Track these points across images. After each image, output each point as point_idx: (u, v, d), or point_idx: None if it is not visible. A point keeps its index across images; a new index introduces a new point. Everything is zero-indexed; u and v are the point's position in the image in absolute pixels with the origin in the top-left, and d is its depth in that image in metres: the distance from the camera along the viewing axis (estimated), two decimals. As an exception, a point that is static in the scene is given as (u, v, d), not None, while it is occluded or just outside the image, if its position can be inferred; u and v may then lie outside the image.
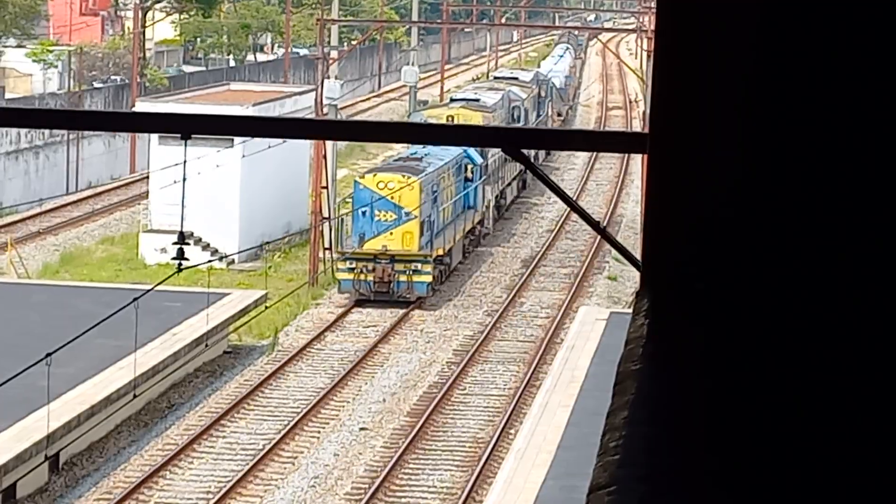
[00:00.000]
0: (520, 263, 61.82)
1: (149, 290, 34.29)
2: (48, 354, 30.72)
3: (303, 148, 58.33)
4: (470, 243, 59.58)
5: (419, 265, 48.65)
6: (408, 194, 47.98)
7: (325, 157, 60.71)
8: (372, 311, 51.81)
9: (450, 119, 59.20)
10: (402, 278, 48.53)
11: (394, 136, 32.80)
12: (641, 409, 3.99)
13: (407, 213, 48.19)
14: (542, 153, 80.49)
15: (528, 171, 67.40)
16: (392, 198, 47.84)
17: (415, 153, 54.72)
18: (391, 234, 48.37)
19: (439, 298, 55.44)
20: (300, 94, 78.47)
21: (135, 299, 33.40)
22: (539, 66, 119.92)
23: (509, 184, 71.92)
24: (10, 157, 69.12)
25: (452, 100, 74.16)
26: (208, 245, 54.89)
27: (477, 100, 69.15)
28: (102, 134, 75.56)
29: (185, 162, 29.53)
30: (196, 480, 35.48)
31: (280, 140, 48.25)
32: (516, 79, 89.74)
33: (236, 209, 55.76)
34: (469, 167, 57.20)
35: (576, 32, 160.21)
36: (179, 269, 32.46)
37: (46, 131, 70.64)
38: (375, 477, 36.35)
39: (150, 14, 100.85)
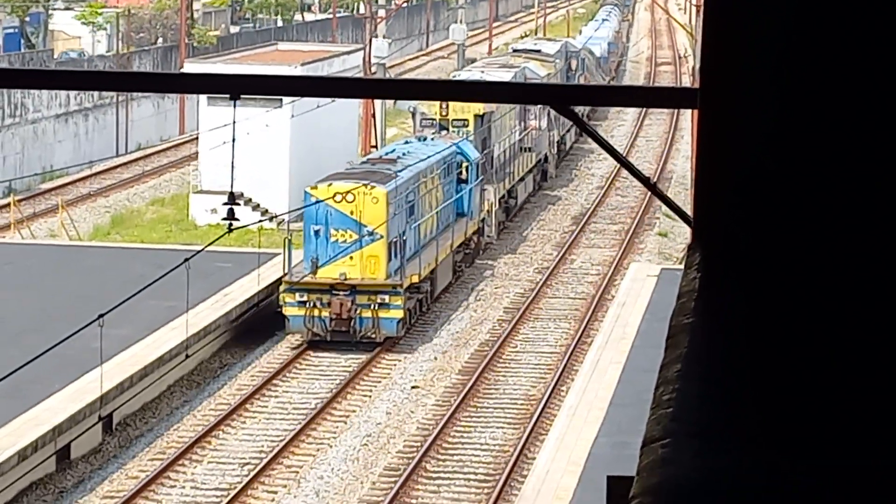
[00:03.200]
0: (570, 220, 61.76)
1: (200, 251, 34.34)
2: (100, 316, 30.85)
3: (351, 107, 57.94)
4: (463, 259, 50.43)
5: (386, 297, 39.80)
6: (372, 208, 39.50)
7: (373, 116, 60.61)
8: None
9: (445, 104, 50.95)
10: (366, 314, 39.92)
11: (441, 94, 32.69)
12: (694, 363, 3.99)
13: (370, 232, 39.47)
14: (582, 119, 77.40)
15: (547, 161, 66.63)
16: (352, 213, 39.59)
17: (392, 151, 47.44)
18: (351, 258, 39.73)
19: (490, 257, 55.30)
20: (348, 53, 78.49)
21: (185, 260, 33.45)
22: (580, 32, 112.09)
23: (522, 178, 61.43)
24: (60, 119, 69.26)
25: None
26: (258, 205, 54.81)
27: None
28: (151, 95, 75.75)
29: (234, 122, 29.70)
30: (249, 440, 35.56)
31: (329, 100, 48.45)
32: (538, 51, 77.22)
33: (286, 169, 55.77)
34: (464, 165, 48.97)
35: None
36: (230, 230, 32.55)
37: (96, 94, 70.86)
38: (427, 435, 36.36)
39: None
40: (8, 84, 60.58)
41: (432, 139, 49.10)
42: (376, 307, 39.83)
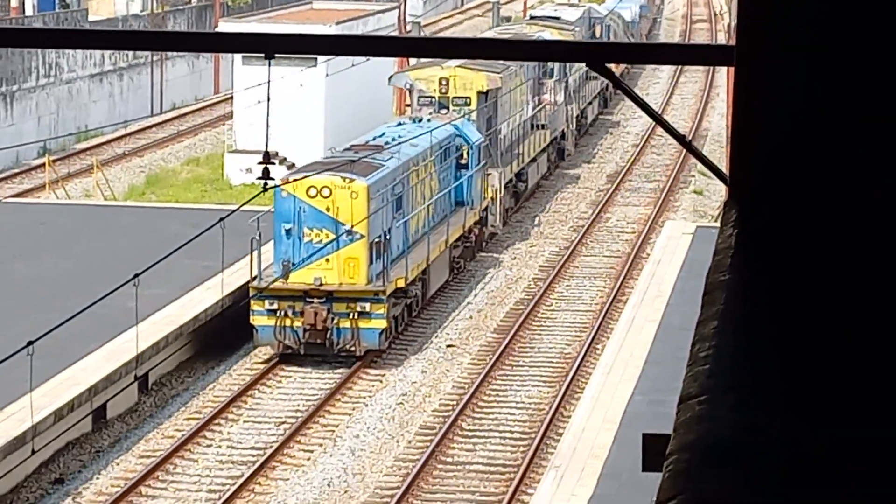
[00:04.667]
0: (605, 179, 61.69)
1: (235, 211, 34.45)
2: (136, 276, 30.95)
3: (386, 66, 57.47)
4: (462, 254, 45.83)
5: (367, 305, 35.81)
6: (351, 204, 35.58)
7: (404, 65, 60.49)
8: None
9: (445, 80, 47.70)
10: (344, 324, 35.99)
11: (476, 51, 32.61)
12: (731, 320, 4.00)
13: (349, 231, 35.59)
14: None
15: (564, 138, 64.30)
16: (328, 209, 35.76)
17: (381, 136, 42.35)
18: (327, 260, 35.84)
19: (524, 216, 55.31)
20: (383, 11, 78.49)
21: (221, 220, 33.56)
22: None
23: (534, 159, 56.78)
24: (95, 79, 69.43)
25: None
26: (293, 165, 54.68)
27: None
28: (186, 55, 75.98)
29: (268, 82, 29.89)
30: (284, 399, 35.64)
31: (363, 58, 48.48)
32: (557, 19, 70.49)
33: (321, 128, 55.83)
34: (464, 149, 44.82)
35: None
36: (265, 189, 32.67)
37: (130, 53, 71.01)
38: (463, 394, 36.42)
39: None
40: (42, 44, 60.68)
41: (429, 120, 44.80)
42: (356, 316, 35.93)
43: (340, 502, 30.64)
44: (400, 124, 44.25)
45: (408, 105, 49.46)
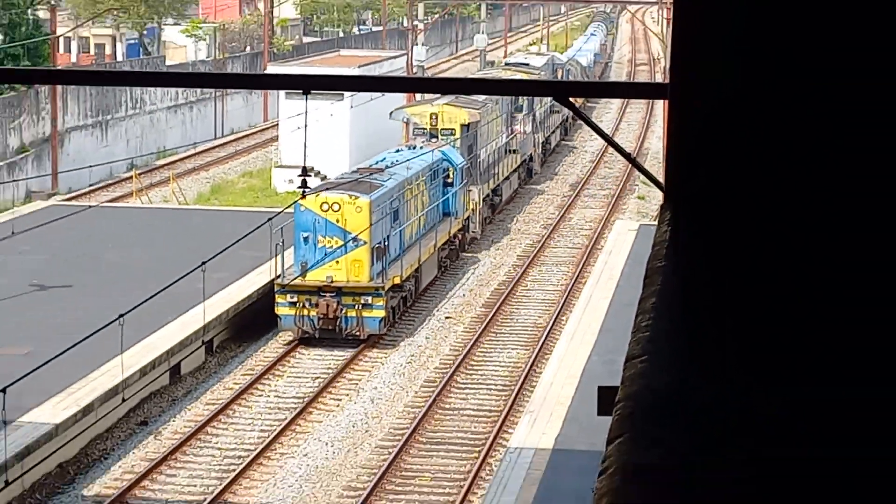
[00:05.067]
0: (567, 189, 61.67)
1: (279, 213, 34.56)
2: (203, 263, 30.97)
3: (398, 100, 57.60)
4: (448, 255, 44.89)
5: (370, 298, 35.15)
6: (355, 216, 34.75)
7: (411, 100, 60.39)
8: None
9: (435, 115, 46.99)
10: (351, 313, 35.14)
11: (465, 88, 32.60)
12: (665, 296, 4.03)
13: (355, 239, 34.75)
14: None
15: (532, 160, 62.84)
16: (338, 221, 34.93)
17: (381, 160, 41.56)
18: (337, 262, 34.98)
19: (499, 223, 55.25)
20: (395, 57, 78.65)
21: (269, 219, 33.72)
22: (572, 44, 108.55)
23: (507, 178, 55.71)
24: (171, 110, 69.61)
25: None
26: (325, 177, 54.80)
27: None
28: (241, 91, 76.22)
29: (305, 112, 29.76)
30: (319, 359, 35.52)
31: (379, 94, 48.51)
32: (527, 65, 69.59)
33: (346, 149, 55.57)
34: (450, 170, 43.88)
35: (607, 10, 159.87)
36: (303, 196, 32.77)
37: (198, 90, 71.18)
38: (458, 355, 36.54)
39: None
40: (130, 83, 60.65)
41: (421, 147, 44.12)
42: (360, 308, 35.15)
43: (363, 439, 30.75)
44: (398, 151, 43.26)
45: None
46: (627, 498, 2.84)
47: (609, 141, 20.67)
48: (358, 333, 35.34)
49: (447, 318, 40.73)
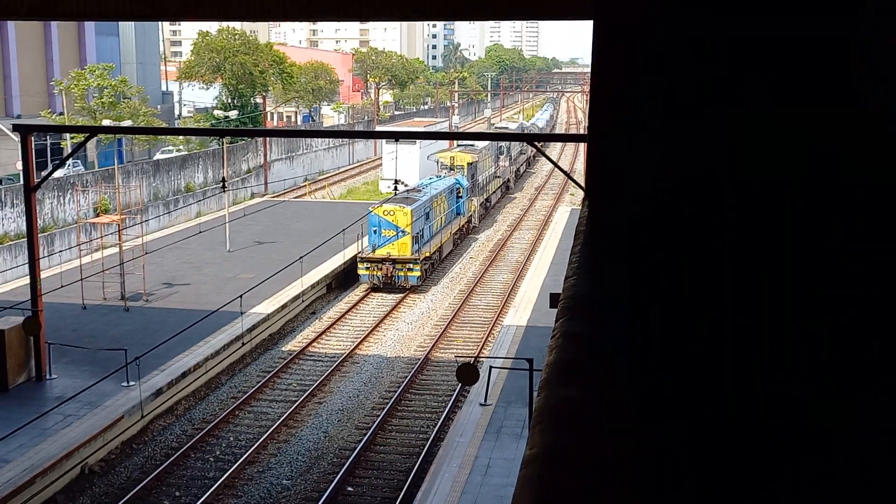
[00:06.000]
0: (530, 195, 61.01)
1: (383, 203, 34.55)
2: (342, 230, 31.16)
3: (443, 144, 56.77)
4: (459, 237, 42.41)
5: (411, 265, 33.54)
6: (403, 217, 33.14)
7: (453, 145, 59.93)
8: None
9: (452, 157, 45.62)
10: (400, 273, 33.57)
11: (477, 137, 31.75)
12: (584, 250, 3.95)
13: (402, 231, 33.25)
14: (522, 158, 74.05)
15: (509, 181, 59.46)
16: (393, 221, 33.27)
17: (421, 184, 40.27)
18: (393, 245, 33.38)
19: (490, 218, 54.53)
20: (442, 122, 78.24)
21: (369, 211, 33.63)
22: (534, 115, 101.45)
23: (495, 192, 53.30)
24: (326, 150, 69.53)
25: (458, 146, 51.90)
26: (406, 184, 54.73)
27: (472, 145, 49.41)
28: (362, 140, 75.99)
29: (396, 151, 29.98)
30: (379, 301, 35.59)
31: (434, 141, 48.29)
32: (506, 128, 66.30)
33: (416, 170, 54.86)
34: (459, 189, 41.56)
35: (554, 95, 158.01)
36: (395, 193, 32.82)
37: (340, 139, 70.97)
38: (470, 284, 36.40)
39: (380, 89, 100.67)
40: (303, 135, 60.63)
41: (445, 176, 42.86)
42: (406, 270, 33.51)
43: (421, 326, 30.22)
44: (430, 179, 41.71)
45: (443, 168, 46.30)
46: (568, 348, 2.61)
47: (556, 165, 20.76)
48: (405, 285, 33.70)
49: (470, 258, 40.42)
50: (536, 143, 25.84)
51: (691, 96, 4.26)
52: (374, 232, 33.45)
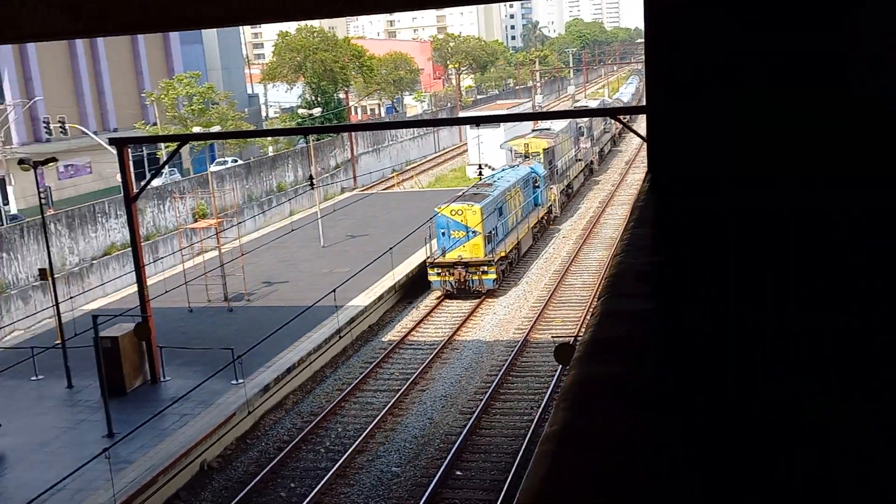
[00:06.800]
0: (616, 178, 59.46)
1: (470, 187, 34.56)
2: (430, 218, 31.26)
3: (528, 125, 56.12)
4: (539, 229, 39.34)
5: (486, 268, 30.90)
6: (472, 217, 30.53)
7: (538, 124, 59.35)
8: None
9: (526, 144, 42.61)
10: (474, 277, 30.96)
11: (562, 115, 31.08)
12: (638, 227, 3.96)
13: (473, 231, 30.63)
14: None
15: (592, 164, 56.17)
16: (463, 221, 30.72)
17: (493, 176, 36.81)
18: (464, 247, 30.75)
19: (572, 206, 53.14)
20: (525, 102, 77.87)
21: (462, 192, 33.66)
22: (619, 90, 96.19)
23: (576, 177, 49.54)
24: (412, 140, 69.89)
25: (533, 131, 47.80)
26: (492, 168, 54.66)
27: (549, 129, 46.30)
28: (446, 128, 76.16)
29: (478, 135, 29.86)
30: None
31: (517, 123, 47.98)
32: (586, 107, 57.88)
33: (502, 154, 55.07)
34: (535, 179, 38.50)
35: (639, 66, 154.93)
36: (480, 177, 32.80)
37: (425, 128, 71.38)
38: (563, 264, 36.04)
39: (461, 74, 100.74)
40: (386, 128, 61.23)
41: (519, 164, 39.95)
42: (480, 274, 30.93)
43: (503, 330, 29.72)
44: (504, 169, 38.80)
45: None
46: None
47: (643, 138, 20.45)
48: (480, 289, 31.10)
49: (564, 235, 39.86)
50: (621, 117, 25.58)
51: (750, 71, 4.21)
52: (443, 234, 31.07)
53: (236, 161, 46.85)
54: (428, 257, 31.54)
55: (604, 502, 1.70)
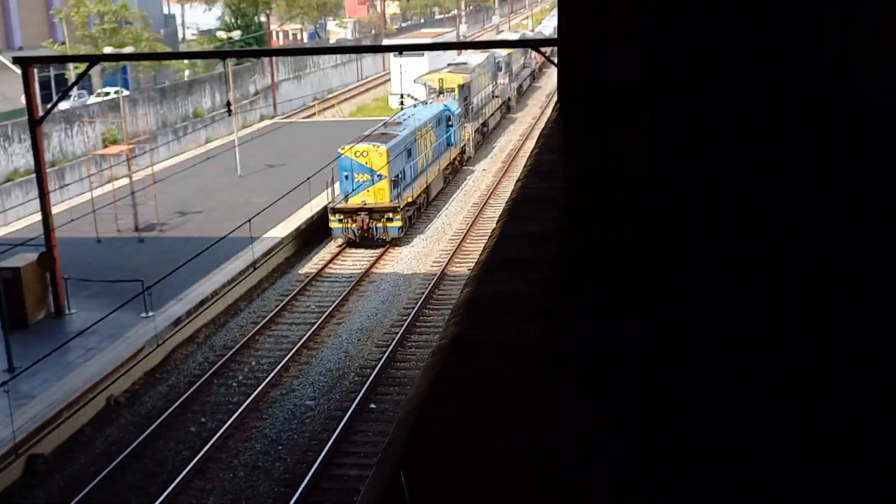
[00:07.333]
0: (544, 98, 59.93)
1: (390, 119, 33.99)
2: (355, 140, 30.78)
3: (452, 55, 54.93)
4: (451, 172, 37.11)
5: (391, 214, 28.95)
6: (378, 159, 28.56)
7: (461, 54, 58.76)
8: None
9: (441, 80, 40.07)
10: (379, 225, 28.98)
11: (482, 45, 30.51)
12: (547, 145, 4.00)
13: (378, 175, 28.68)
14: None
15: (510, 101, 53.19)
16: (367, 163, 28.72)
17: (402, 114, 34.87)
18: (368, 191, 28.81)
19: (487, 145, 52.14)
20: (449, 31, 76.87)
21: (384, 123, 33.17)
22: (541, 23, 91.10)
23: (493, 114, 46.95)
24: (333, 67, 68.39)
25: (449, 65, 45.15)
26: (413, 97, 54.01)
27: (465, 63, 44.42)
28: (369, 55, 74.80)
29: (400, 64, 29.24)
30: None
31: (441, 52, 47.17)
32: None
33: (422, 84, 54.40)
34: (448, 117, 36.47)
35: None
36: (401, 106, 32.13)
37: (347, 55, 69.99)
38: (488, 189, 36.12)
39: (386, 1, 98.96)
40: (309, 53, 59.82)
41: (431, 102, 37.25)
42: (385, 221, 29.01)
43: (403, 290, 29.22)
44: (415, 106, 36.46)
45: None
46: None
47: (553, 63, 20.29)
48: (384, 238, 29.24)
49: (484, 170, 39.82)
50: (542, 49, 25.26)
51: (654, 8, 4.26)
52: (346, 177, 28.98)
53: (119, 92, 44.73)
54: (329, 202, 29.53)
55: (485, 404, 1.85)
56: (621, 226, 2.76)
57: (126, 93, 44.58)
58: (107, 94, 49.42)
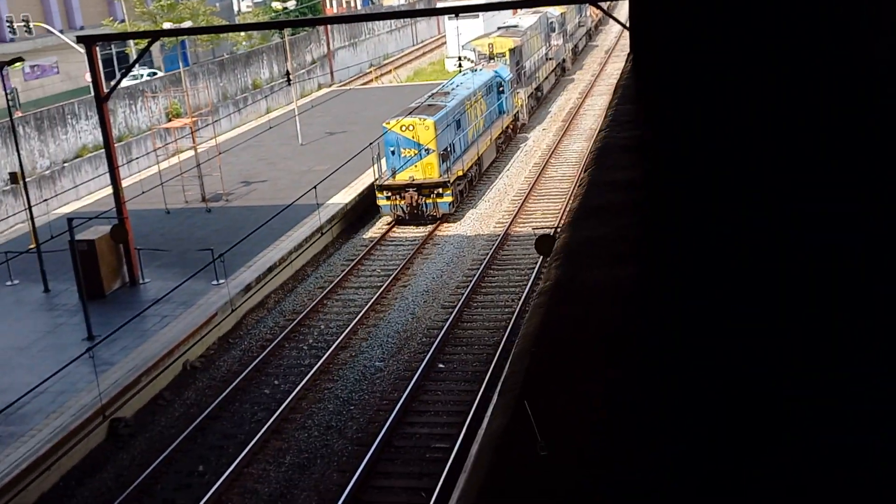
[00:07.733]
0: (603, 54, 59.20)
1: (450, 80, 33.87)
2: (414, 109, 30.84)
3: (507, 14, 54.04)
4: (504, 140, 35.80)
5: (440, 190, 27.86)
6: (426, 133, 27.40)
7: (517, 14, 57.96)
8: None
9: (491, 45, 38.60)
10: (428, 201, 27.93)
11: (538, 4, 29.31)
12: (625, 95, 4.02)
13: (426, 149, 27.56)
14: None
15: (565, 62, 51.78)
16: (414, 137, 27.61)
17: (451, 82, 33.58)
18: (416, 167, 27.74)
19: (543, 110, 48.21)
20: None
21: (430, 94, 33.04)
22: None
23: (546, 78, 45.18)
24: (389, 33, 68.40)
25: (499, 28, 44.11)
26: (470, 60, 53.62)
27: (515, 26, 43.11)
28: (424, 19, 74.42)
29: (456, 26, 29.11)
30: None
31: (493, 13, 46.71)
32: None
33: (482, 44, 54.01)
34: (499, 84, 35.22)
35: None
36: (460, 69, 32.05)
37: (402, 20, 69.80)
38: (534, 170, 35.80)
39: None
40: (363, 20, 59.80)
41: (482, 69, 35.34)
42: (434, 197, 27.90)
43: (467, 252, 28.17)
44: (464, 74, 34.86)
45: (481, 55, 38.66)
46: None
47: (624, 27, 19.86)
48: (435, 214, 28.19)
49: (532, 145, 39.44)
50: (601, 4, 24.81)
51: None
52: (392, 153, 28.00)
53: (154, 74, 44.63)
54: (376, 179, 28.49)
55: (592, 343, 1.99)
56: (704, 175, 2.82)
57: (160, 75, 45.18)
58: (152, 73, 50.10)
